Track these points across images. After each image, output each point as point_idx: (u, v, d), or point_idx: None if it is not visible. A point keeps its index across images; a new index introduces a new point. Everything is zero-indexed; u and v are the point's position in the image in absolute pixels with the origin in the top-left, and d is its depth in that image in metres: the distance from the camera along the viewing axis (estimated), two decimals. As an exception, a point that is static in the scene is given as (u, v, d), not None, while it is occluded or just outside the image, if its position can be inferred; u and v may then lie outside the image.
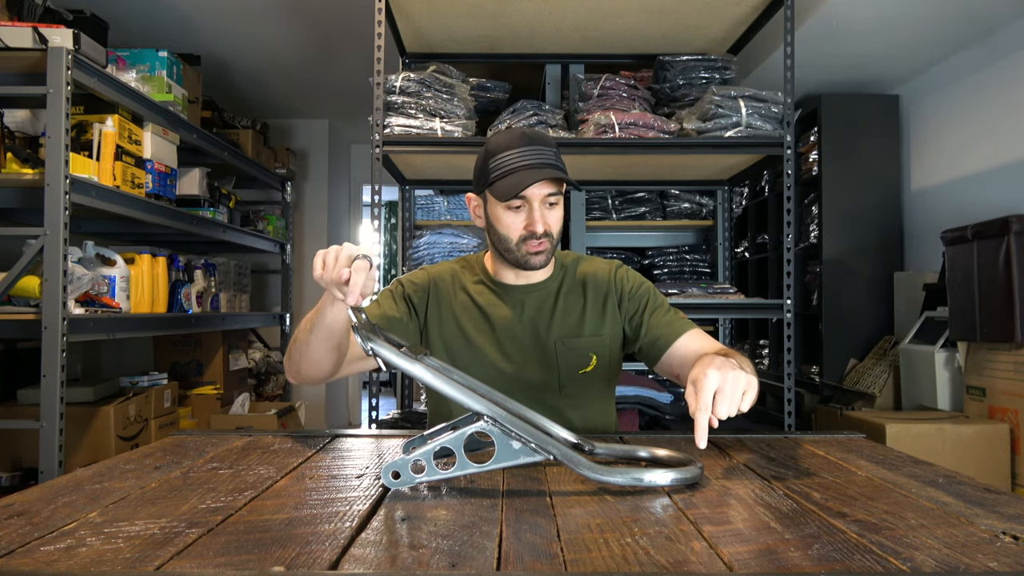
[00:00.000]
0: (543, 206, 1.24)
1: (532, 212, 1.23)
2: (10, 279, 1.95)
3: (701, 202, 3.28)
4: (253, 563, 0.59)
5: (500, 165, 1.23)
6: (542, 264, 1.28)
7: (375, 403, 2.29)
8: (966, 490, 0.83)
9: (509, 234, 1.26)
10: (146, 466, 0.97)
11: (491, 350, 1.30)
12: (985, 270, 2.40)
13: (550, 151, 1.24)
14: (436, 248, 2.87)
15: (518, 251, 1.26)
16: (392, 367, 0.89)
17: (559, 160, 1.26)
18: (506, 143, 1.24)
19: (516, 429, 0.84)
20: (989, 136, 2.88)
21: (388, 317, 1.30)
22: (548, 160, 1.22)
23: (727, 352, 1.09)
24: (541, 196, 1.23)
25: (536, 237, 1.24)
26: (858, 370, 3.20)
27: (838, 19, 2.66)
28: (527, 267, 1.28)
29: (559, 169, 1.23)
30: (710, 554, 0.62)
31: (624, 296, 1.34)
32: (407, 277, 1.39)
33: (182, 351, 3.51)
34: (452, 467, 0.85)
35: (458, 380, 0.95)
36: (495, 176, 1.23)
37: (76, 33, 2.05)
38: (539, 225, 1.23)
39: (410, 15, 2.50)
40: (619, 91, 2.54)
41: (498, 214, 1.26)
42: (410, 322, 1.32)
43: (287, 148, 4.30)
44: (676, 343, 1.25)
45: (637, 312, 1.32)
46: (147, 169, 2.49)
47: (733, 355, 1.07)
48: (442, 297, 1.35)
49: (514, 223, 1.25)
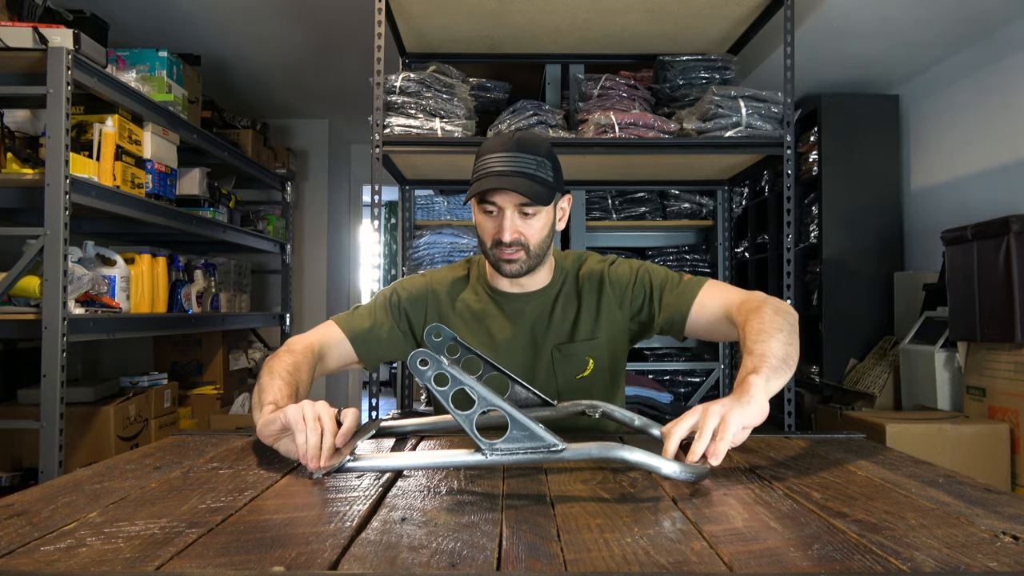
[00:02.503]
0: (516, 215, 1.22)
1: (502, 219, 1.22)
2: (10, 279, 1.95)
3: (701, 202, 3.28)
4: (253, 563, 0.59)
5: (480, 167, 1.22)
6: (515, 273, 1.26)
7: (375, 403, 2.29)
8: (966, 490, 0.83)
9: (484, 237, 1.26)
10: (146, 466, 0.97)
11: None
12: (985, 270, 2.40)
13: (533, 160, 1.20)
14: (436, 248, 2.87)
15: (492, 256, 1.26)
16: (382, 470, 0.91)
17: (543, 171, 1.20)
18: (493, 146, 1.22)
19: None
20: (989, 136, 2.88)
21: (376, 336, 1.31)
22: (525, 170, 1.19)
23: (757, 331, 1.02)
24: (512, 204, 1.21)
25: (506, 245, 1.22)
26: (858, 370, 3.20)
27: (838, 19, 2.66)
28: (500, 273, 1.27)
29: (532, 180, 1.19)
30: (710, 554, 0.62)
31: (624, 294, 1.32)
32: (404, 285, 1.37)
33: (182, 351, 3.51)
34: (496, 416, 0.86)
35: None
36: (474, 177, 1.23)
37: (76, 33, 2.05)
38: (506, 234, 1.21)
39: (410, 15, 2.50)
40: (619, 91, 2.54)
41: (477, 217, 1.27)
42: (395, 333, 1.32)
43: (287, 148, 4.30)
44: (692, 311, 1.23)
45: (644, 303, 1.30)
46: (147, 169, 2.49)
47: (763, 319, 1.05)
48: (441, 306, 1.34)
49: (488, 228, 1.25)
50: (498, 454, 0.83)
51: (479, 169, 1.22)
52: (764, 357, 0.97)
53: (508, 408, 0.83)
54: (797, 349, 1.04)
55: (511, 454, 0.83)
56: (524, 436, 0.83)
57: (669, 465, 0.83)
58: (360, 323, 1.31)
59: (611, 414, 1.11)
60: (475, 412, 0.82)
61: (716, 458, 0.84)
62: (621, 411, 1.10)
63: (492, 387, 0.85)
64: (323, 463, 0.88)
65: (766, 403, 0.91)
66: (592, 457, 0.84)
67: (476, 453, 0.84)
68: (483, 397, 0.82)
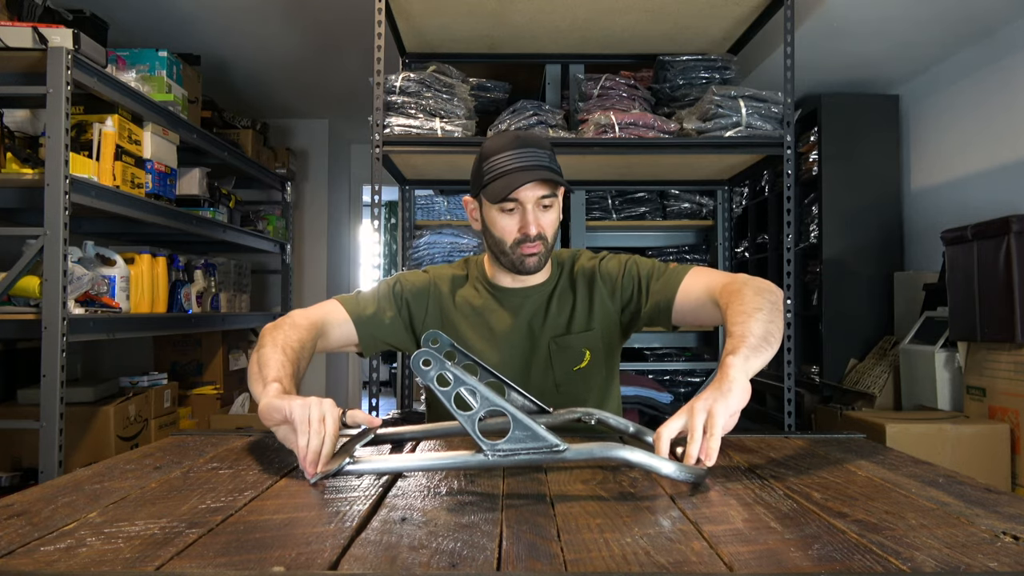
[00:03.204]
0: (536, 208, 1.24)
1: (525, 214, 1.23)
2: (10, 279, 1.95)
3: (701, 202, 3.28)
4: (253, 563, 0.59)
5: (493, 167, 1.23)
6: (536, 267, 1.28)
7: (375, 403, 2.29)
8: (966, 490, 0.83)
9: (504, 237, 1.26)
10: (146, 466, 0.97)
11: (490, 355, 1.31)
12: (985, 270, 2.40)
13: (543, 153, 1.24)
14: (436, 248, 2.87)
15: (512, 254, 1.27)
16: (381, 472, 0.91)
17: (553, 162, 1.26)
18: (499, 146, 1.24)
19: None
20: (989, 136, 2.88)
21: (379, 322, 1.31)
22: (541, 162, 1.22)
23: (740, 312, 1.04)
24: (534, 198, 1.23)
25: (530, 240, 1.24)
26: (858, 370, 3.20)
27: (838, 19, 2.66)
28: (522, 270, 1.28)
29: (552, 171, 1.23)
30: (710, 554, 0.62)
31: (616, 287, 1.33)
32: (408, 277, 1.38)
33: (182, 351, 3.51)
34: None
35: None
36: (488, 179, 1.23)
37: (76, 33, 2.05)
38: (532, 227, 1.23)
39: (410, 15, 2.50)
40: (619, 91, 2.54)
41: (493, 217, 1.26)
42: (397, 321, 1.33)
43: (287, 148, 4.30)
44: (677, 297, 1.25)
45: (633, 293, 1.32)
46: (147, 169, 2.49)
47: (744, 300, 1.07)
48: (442, 302, 1.36)
49: (508, 226, 1.25)
50: (500, 455, 0.83)
51: (494, 169, 1.23)
52: (743, 337, 0.99)
53: (510, 408, 0.83)
54: (780, 326, 1.06)
55: (513, 455, 0.83)
56: (526, 436, 0.83)
57: (669, 465, 0.83)
58: (365, 307, 1.31)
59: (606, 421, 1.11)
60: (477, 413, 0.82)
61: (710, 459, 0.86)
62: (616, 418, 1.10)
63: (487, 407, 0.85)
64: (320, 468, 0.87)
65: (747, 383, 0.92)
66: (594, 457, 0.84)
67: (478, 454, 0.84)
68: (485, 397, 0.82)
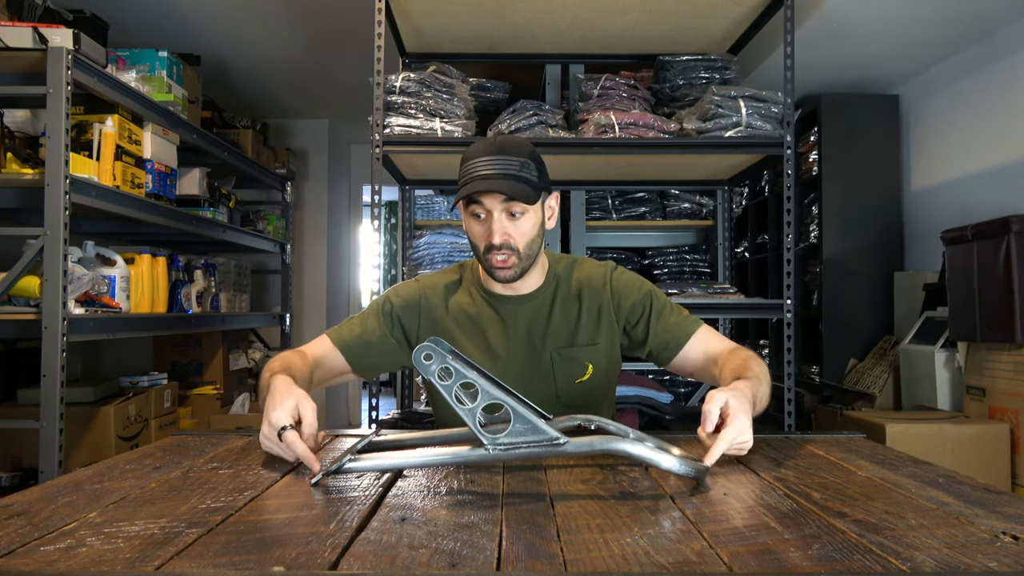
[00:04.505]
0: (504, 217, 1.22)
1: (491, 222, 1.22)
2: (10, 279, 1.95)
3: (701, 202, 3.28)
4: (253, 563, 0.59)
5: (466, 171, 1.23)
6: (508, 278, 1.26)
7: (375, 403, 2.29)
8: (966, 490, 0.83)
9: (477, 242, 1.26)
10: (146, 466, 0.97)
11: (487, 363, 1.29)
12: (985, 270, 2.40)
13: (516, 161, 1.20)
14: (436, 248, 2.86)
15: (485, 262, 1.26)
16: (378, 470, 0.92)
17: (527, 171, 1.21)
18: (478, 150, 1.23)
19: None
20: (989, 136, 2.88)
21: (366, 343, 1.31)
22: (508, 171, 1.19)
23: (741, 369, 1.13)
24: (499, 206, 1.21)
25: (497, 248, 1.22)
26: (858, 370, 3.20)
27: (838, 19, 2.66)
28: (496, 279, 1.27)
29: (518, 180, 1.19)
30: (710, 554, 0.62)
31: (622, 304, 1.32)
32: (398, 292, 1.36)
33: (182, 351, 3.51)
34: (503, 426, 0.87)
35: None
36: (460, 182, 1.23)
37: (76, 33, 2.05)
38: (496, 236, 1.21)
39: (410, 15, 2.50)
40: (619, 91, 2.54)
41: (467, 222, 1.27)
42: (388, 340, 1.32)
43: (287, 148, 4.30)
44: (686, 347, 1.28)
45: (640, 321, 1.31)
46: (147, 169, 2.49)
47: (747, 365, 1.14)
48: (434, 311, 1.34)
49: (478, 232, 1.25)
50: (500, 448, 0.83)
51: (464, 175, 1.23)
52: (754, 399, 1.05)
53: (511, 401, 0.83)
54: (768, 399, 1.15)
55: (514, 448, 0.83)
56: (526, 430, 0.83)
57: (669, 459, 0.83)
58: (350, 332, 1.31)
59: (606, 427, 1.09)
60: (478, 406, 0.82)
61: (711, 459, 0.89)
62: (616, 425, 1.08)
63: (488, 400, 0.85)
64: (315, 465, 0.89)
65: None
66: (594, 450, 0.84)
67: (478, 448, 0.84)
68: (486, 390, 0.82)
